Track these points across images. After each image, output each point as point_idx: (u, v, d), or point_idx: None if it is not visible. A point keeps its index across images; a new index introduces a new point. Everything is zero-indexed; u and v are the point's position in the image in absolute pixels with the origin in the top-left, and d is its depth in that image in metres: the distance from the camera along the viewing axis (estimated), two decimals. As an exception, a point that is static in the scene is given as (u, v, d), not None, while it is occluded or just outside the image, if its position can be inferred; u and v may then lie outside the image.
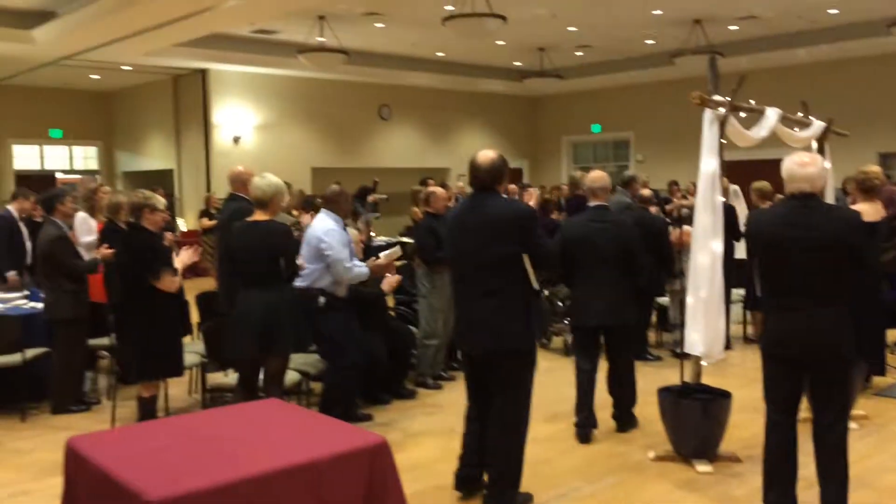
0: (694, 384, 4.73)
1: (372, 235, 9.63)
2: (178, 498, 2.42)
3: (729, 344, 7.10)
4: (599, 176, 5.23)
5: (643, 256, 5.25)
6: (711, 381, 4.87)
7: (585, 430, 5.11)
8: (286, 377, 4.87)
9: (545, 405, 5.38)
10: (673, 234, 7.10)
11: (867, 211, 4.96)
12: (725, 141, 4.60)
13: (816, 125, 5.79)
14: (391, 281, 5.82)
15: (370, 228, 9.48)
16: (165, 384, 5.37)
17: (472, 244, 3.82)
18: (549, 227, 6.87)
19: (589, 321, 5.10)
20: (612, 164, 17.96)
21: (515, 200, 4.60)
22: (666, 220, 7.60)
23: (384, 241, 10.91)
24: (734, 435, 4.84)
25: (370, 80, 15.42)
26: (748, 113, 4.91)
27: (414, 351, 6.43)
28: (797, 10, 11.47)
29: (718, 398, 4.65)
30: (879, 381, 6.14)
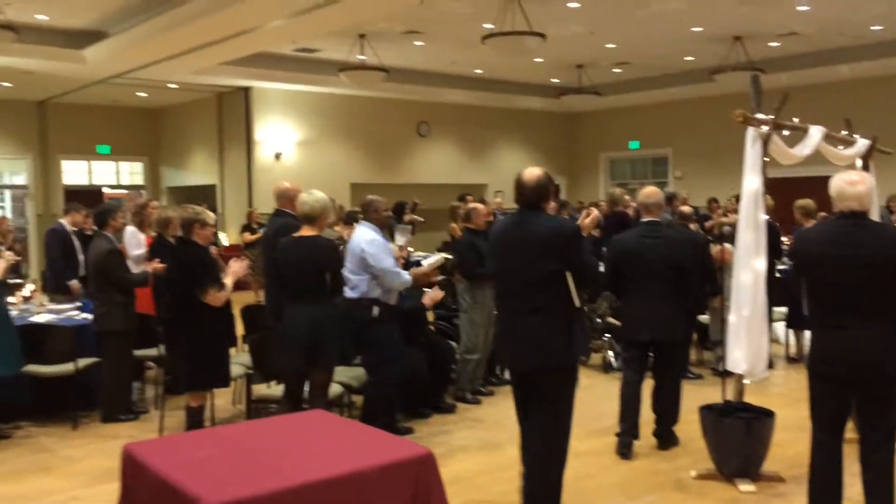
0: (736, 403, 4.71)
1: (410, 251, 9.70)
2: (233, 502, 2.50)
3: (771, 363, 7.02)
4: (653, 192, 5.28)
5: (695, 274, 5.26)
6: (754, 400, 4.84)
7: (627, 439, 5.11)
8: (329, 389, 4.95)
9: (585, 422, 5.37)
10: (713, 250, 7.07)
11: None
12: (768, 159, 4.60)
13: (861, 143, 5.74)
14: (434, 296, 5.87)
15: (409, 245, 9.56)
16: (212, 395, 5.49)
17: (516, 261, 3.86)
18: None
19: (640, 336, 5.11)
20: (650, 180, 17.86)
21: (560, 217, 4.64)
22: (706, 236, 7.57)
23: (422, 255, 10.99)
24: (777, 454, 4.80)
25: (409, 97, 15.60)
26: (791, 130, 4.90)
27: (453, 366, 6.48)
28: (839, 26, 11.37)
29: (762, 417, 4.62)
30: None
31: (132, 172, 18.15)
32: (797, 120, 5.02)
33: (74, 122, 16.34)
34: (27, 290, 6.87)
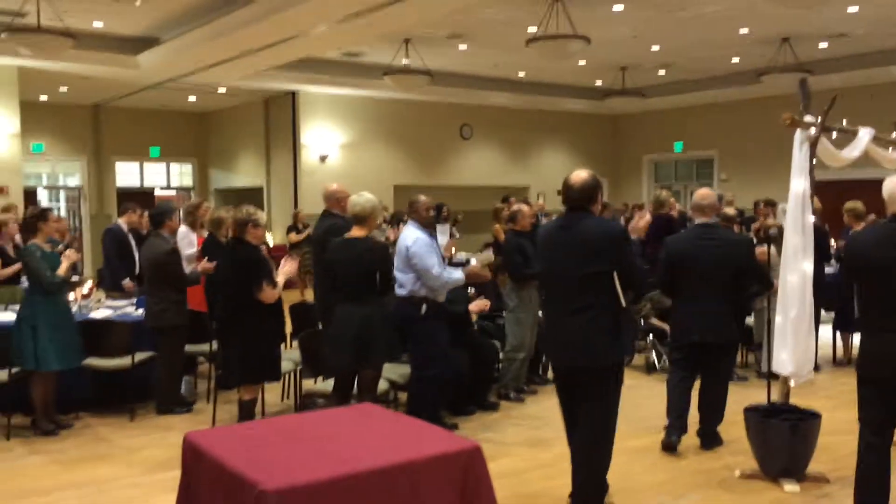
0: (782, 404, 4.71)
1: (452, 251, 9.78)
2: (291, 489, 2.62)
3: (818, 366, 6.96)
4: (707, 194, 5.31)
5: (752, 276, 5.28)
6: (800, 402, 4.84)
7: (672, 437, 5.16)
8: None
9: (629, 421, 5.39)
10: (758, 252, 7.05)
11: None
12: (816, 161, 4.60)
13: (911, 145, 5.68)
14: (481, 304, 5.94)
15: (451, 245, 9.64)
16: (262, 389, 5.65)
17: (563, 262, 3.94)
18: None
19: (690, 338, 5.14)
20: (694, 183, 17.71)
21: (607, 220, 4.70)
22: (752, 238, 7.53)
23: (464, 256, 11.08)
24: (823, 456, 4.78)
25: (452, 100, 15.72)
26: (840, 133, 4.88)
27: (497, 364, 6.56)
28: (889, 27, 11.16)
29: (808, 418, 4.61)
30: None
31: (182, 174, 18.60)
32: (846, 122, 5.00)
33: (127, 125, 16.82)
34: (86, 287, 7.12)
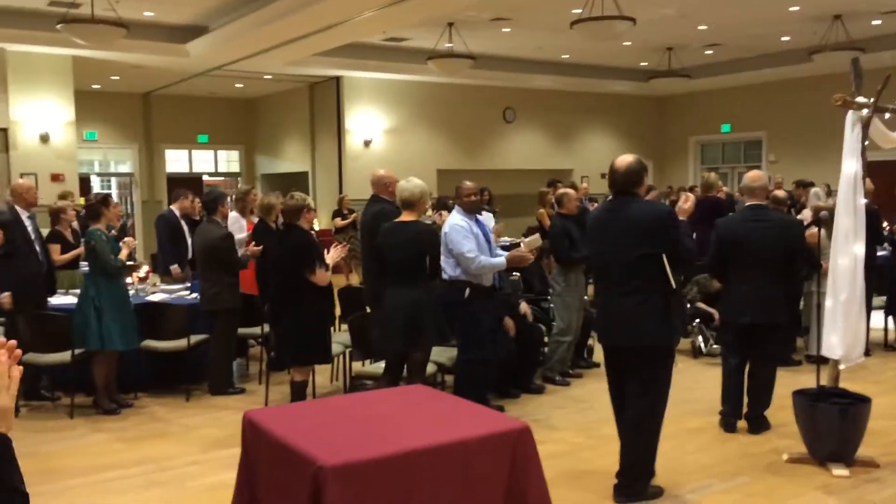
0: (831, 388, 4.69)
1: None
2: (348, 465, 2.73)
3: (867, 350, 6.87)
4: (758, 175, 5.34)
5: (803, 258, 5.31)
6: (849, 386, 4.81)
7: (731, 419, 5.25)
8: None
9: (675, 404, 5.37)
10: (808, 234, 6.97)
11: None
12: (868, 142, 4.53)
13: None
14: (509, 324, 5.92)
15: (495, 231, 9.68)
16: (313, 371, 5.80)
17: (613, 245, 4.00)
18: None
19: (741, 319, 5.16)
20: (741, 164, 17.44)
21: (654, 202, 4.73)
22: (802, 221, 7.44)
23: (507, 241, 11.11)
24: (872, 441, 4.75)
25: (495, 83, 15.68)
26: (893, 114, 4.80)
27: (543, 348, 6.61)
28: (948, 1, 10.83)
29: (857, 402, 4.58)
30: None
31: (229, 160, 18.93)
32: (899, 102, 4.91)
33: (176, 112, 17.16)
34: (143, 271, 7.35)
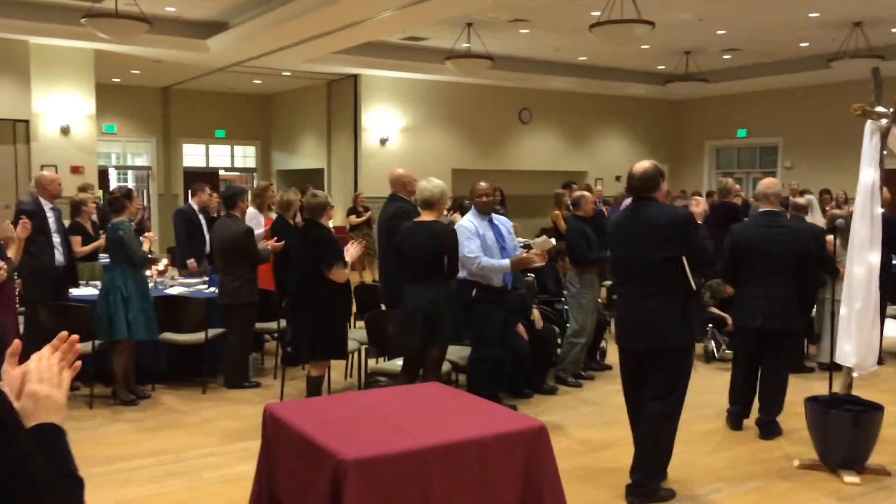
0: (844, 395, 4.71)
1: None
2: (368, 459, 2.79)
3: (881, 359, 6.89)
4: (773, 182, 5.42)
5: (816, 264, 5.37)
6: (862, 394, 4.82)
7: (737, 418, 5.37)
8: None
9: (687, 409, 5.40)
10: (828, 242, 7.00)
11: None
12: (887, 151, 4.56)
13: None
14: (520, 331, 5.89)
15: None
16: (328, 366, 5.87)
17: (633, 248, 4.09)
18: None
19: (753, 323, 5.22)
20: (757, 170, 17.40)
21: (672, 206, 4.80)
22: (822, 228, 7.46)
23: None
24: (883, 449, 4.77)
25: (511, 84, 15.71)
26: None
27: (556, 349, 6.66)
28: (969, 10, 10.79)
29: (870, 410, 4.61)
30: None
31: (245, 156, 19.06)
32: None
33: (194, 107, 17.31)
34: (161, 264, 7.45)
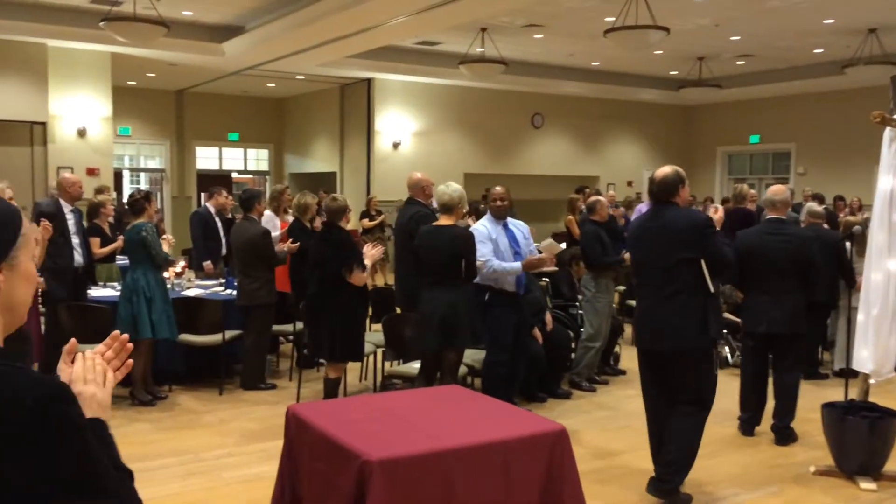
0: (861, 402, 4.72)
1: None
2: (393, 459, 2.83)
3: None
4: (781, 190, 5.48)
5: (819, 271, 5.41)
6: (877, 401, 4.82)
7: (748, 426, 5.43)
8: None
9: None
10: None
11: None
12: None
13: None
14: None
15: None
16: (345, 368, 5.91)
17: (653, 251, 4.16)
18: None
19: (759, 328, 5.29)
20: (769, 176, 17.37)
21: (692, 210, 4.85)
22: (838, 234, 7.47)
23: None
24: (901, 456, 4.78)
25: (524, 88, 15.74)
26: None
27: (570, 353, 6.68)
28: None
29: (887, 417, 4.61)
30: None
31: (258, 159, 19.15)
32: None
33: (208, 110, 17.40)
34: (179, 266, 7.50)
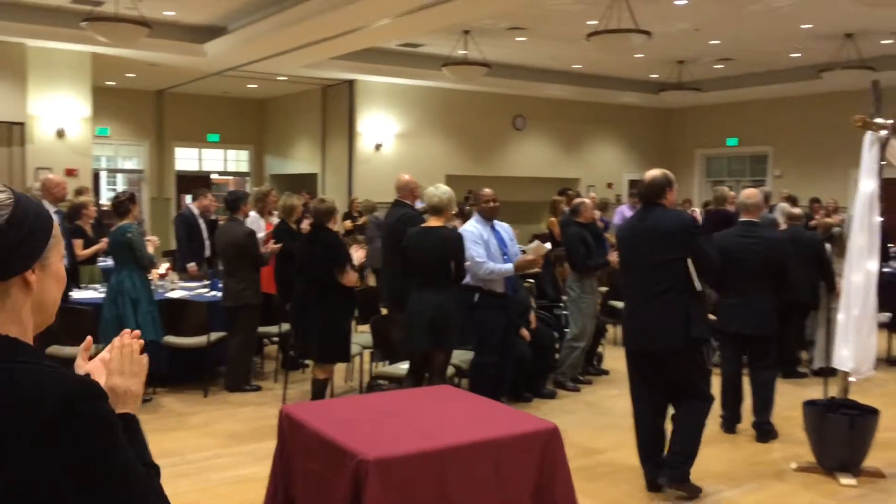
0: (841, 399, 4.82)
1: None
2: (388, 458, 2.86)
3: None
4: (753, 193, 5.56)
5: (791, 273, 5.53)
6: (857, 399, 4.92)
7: (729, 423, 5.55)
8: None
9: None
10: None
11: None
12: (885, 161, 4.68)
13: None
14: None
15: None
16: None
17: (641, 251, 4.25)
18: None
19: (729, 328, 5.45)
20: (746, 178, 17.58)
21: (679, 211, 4.95)
22: (819, 237, 7.60)
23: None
24: (878, 453, 4.87)
25: (506, 90, 15.81)
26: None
27: (555, 354, 6.74)
28: (959, 23, 11.00)
29: (866, 414, 4.72)
30: None
31: (238, 160, 19.06)
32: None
33: (188, 111, 17.28)
34: (163, 267, 7.47)
